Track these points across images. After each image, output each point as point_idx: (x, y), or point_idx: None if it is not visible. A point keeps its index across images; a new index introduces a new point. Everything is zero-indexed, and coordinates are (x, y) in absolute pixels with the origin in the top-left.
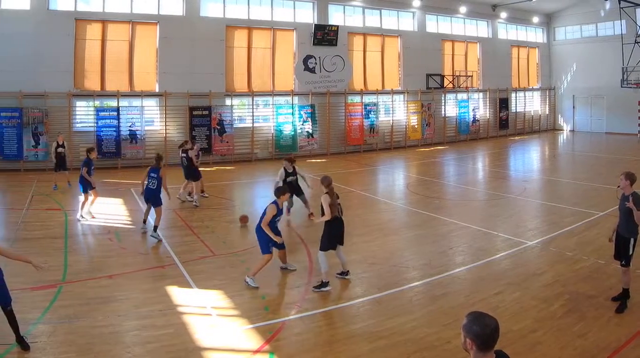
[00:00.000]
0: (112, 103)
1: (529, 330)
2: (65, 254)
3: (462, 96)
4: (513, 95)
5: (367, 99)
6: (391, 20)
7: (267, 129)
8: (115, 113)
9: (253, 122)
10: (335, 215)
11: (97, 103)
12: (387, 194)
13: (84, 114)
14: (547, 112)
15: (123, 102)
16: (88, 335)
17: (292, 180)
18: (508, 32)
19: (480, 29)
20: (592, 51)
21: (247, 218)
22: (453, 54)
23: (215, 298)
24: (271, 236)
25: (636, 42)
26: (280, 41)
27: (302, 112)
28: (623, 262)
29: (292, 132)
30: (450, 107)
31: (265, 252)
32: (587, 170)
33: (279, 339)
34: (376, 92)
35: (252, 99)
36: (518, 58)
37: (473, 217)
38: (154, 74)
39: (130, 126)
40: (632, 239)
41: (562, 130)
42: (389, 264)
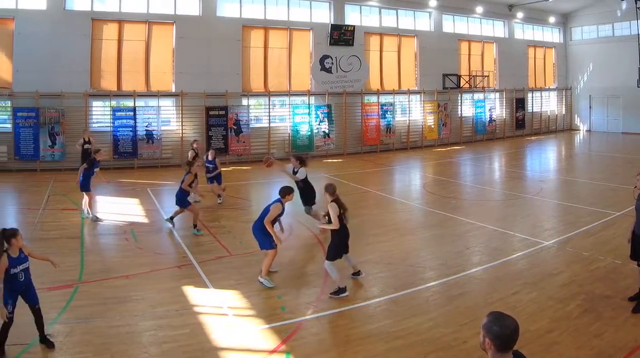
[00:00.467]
0: (129, 103)
1: (546, 330)
2: (81, 254)
3: (479, 96)
4: (529, 95)
5: (384, 99)
6: (408, 20)
7: (284, 129)
8: (131, 113)
9: (269, 122)
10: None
11: (114, 103)
12: (404, 194)
13: (101, 114)
14: (564, 112)
15: (139, 102)
16: (104, 335)
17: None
18: (524, 32)
19: (496, 29)
20: (609, 51)
21: (272, 162)
22: (469, 54)
23: (231, 298)
24: (274, 234)
25: None
26: (296, 41)
27: (319, 112)
28: (639, 263)
29: (309, 132)
30: (466, 107)
31: (269, 248)
32: (604, 170)
33: (296, 339)
34: (393, 92)
35: (269, 99)
36: (534, 58)
37: (489, 217)
38: (171, 74)
39: (146, 126)
40: None
41: (579, 130)
42: (406, 264)
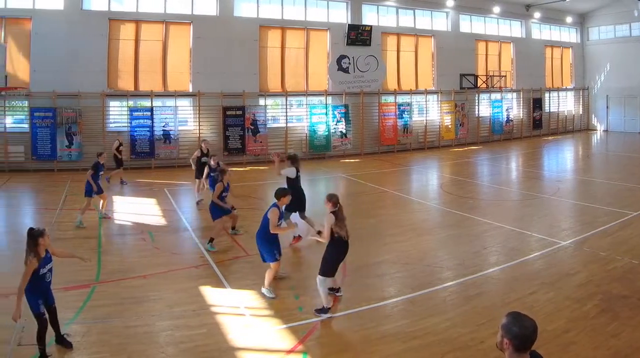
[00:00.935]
0: (146, 103)
1: (563, 330)
2: (98, 254)
3: (496, 96)
4: (547, 95)
5: (401, 99)
6: (425, 20)
7: (301, 129)
8: (148, 113)
9: (287, 122)
10: (340, 237)
11: (131, 103)
12: (421, 194)
13: (118, 114)
14: (581, 112)
15: (156, 102)
16: (121, 335)
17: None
18: (542, 32)
19: (513, 29)
20: (626, 51)
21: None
22: (487, 54)
23: (248, 298)
24: (284, 233)
25: None
26: (313, 41)
27: (336, 112)
28: None
29: (326, 132)
30: (483, 107)
31: (271, 260)
32: (621, 170)
33: (313, 339)
34: (410, 92)
35: (286, 99)
36: (552, 58)
37: (507, 217)
38: (188, 74)
39: (163, 126)
40: None
41: (596, 130)
42: (423, 264)
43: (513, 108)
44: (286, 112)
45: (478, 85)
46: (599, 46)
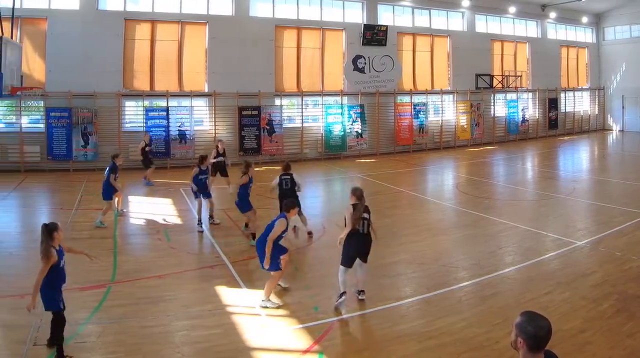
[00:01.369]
0: (162, 103)
1: (578, 330)
2: (114, 254)
3: (512, 96)
4: (562, 95)
5: (417, 99)
6: (440, 20)
7: (317, 129)
8: (164, 113)
9: (302, 122)
10: (355, 229)
11: (147, 103)
12: (436, 194)
13: (133, 114)
14: (597, 112)
15: (172, 102)
16: (137, 335)
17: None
18: (557, 32)
19: (529, 29)
20: None
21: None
22: (502, 54)
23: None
24: (267, 255)
25: None
26: (329, 41)
27: (352, 112)
28: None
29: (342, 132)
30: (499, 107)
31: (274, 269)
32: (637, 170)
33: (328, 339)
34: (425, 92)
35: (302, 99)
36: (567, 58)
37: (522, 217)
38: (203, 74)
39: (179, 126)
40: None
41: (612, 130)
42: (438, 264)
43: (529, 108)
44: (302, 112)
45: (494, 85)
46: (615, 46)
